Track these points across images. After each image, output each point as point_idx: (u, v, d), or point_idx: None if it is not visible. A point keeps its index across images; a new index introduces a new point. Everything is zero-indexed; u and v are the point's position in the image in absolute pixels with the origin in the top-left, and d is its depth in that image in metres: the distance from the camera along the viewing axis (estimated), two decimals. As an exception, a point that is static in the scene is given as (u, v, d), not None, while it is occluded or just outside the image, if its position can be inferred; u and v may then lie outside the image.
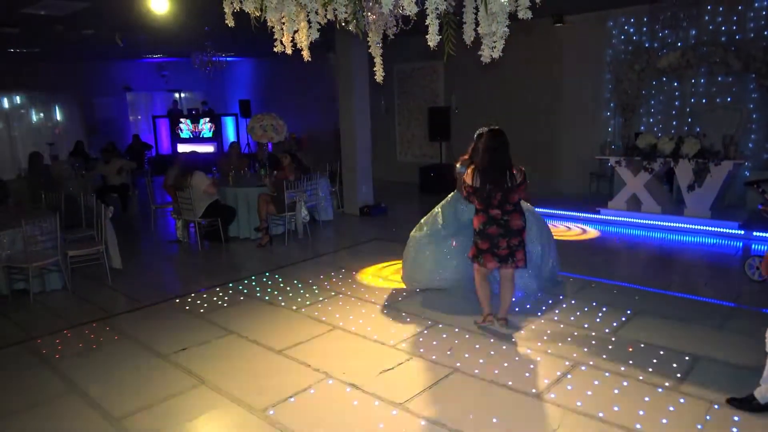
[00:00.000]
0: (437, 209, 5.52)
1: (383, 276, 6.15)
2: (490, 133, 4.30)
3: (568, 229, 8.12)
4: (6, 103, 13.92)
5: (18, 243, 5.62)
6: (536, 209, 5.62)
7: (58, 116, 14.75)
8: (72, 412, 3.61)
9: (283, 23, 3.15)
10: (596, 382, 3.71)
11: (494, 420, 3.34)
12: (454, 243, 5.27)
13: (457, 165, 5.08)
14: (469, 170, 4.36)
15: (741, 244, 7.06)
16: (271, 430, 3.31)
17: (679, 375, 3.77)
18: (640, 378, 3.75)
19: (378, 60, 3.54)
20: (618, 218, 8.36)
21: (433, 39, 2.92)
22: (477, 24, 2.98)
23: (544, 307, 5.05)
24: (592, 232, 7.90)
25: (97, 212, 6.21)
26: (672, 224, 7.85)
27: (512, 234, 4.31)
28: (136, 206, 10.68)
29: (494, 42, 2.99)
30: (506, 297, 4.58)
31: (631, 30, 9.32)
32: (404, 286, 5.70)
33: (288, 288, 5.87)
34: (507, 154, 4.27)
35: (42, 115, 14.50)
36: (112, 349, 4.54)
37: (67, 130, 14.75)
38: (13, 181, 9.61)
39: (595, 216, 8.52)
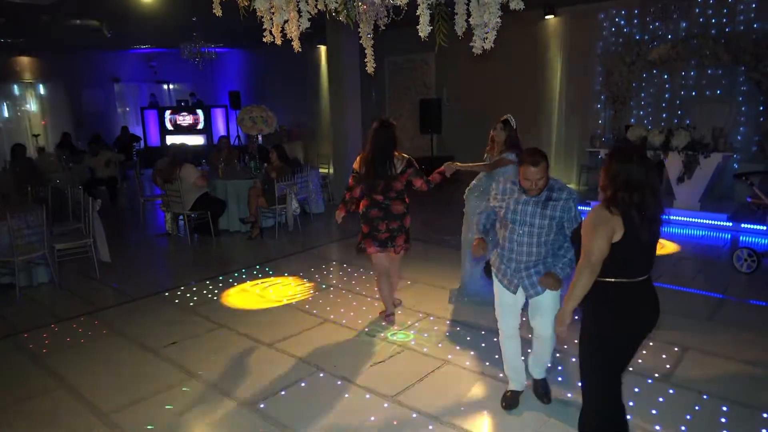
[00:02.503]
0: None
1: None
2: (377, 124, 4.42)
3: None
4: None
5: (4, 236, 5.54)
6: None
7: (45, 108, 14.54)
8: (60, 407, 3.57)
9: (273, 13, 3.11)
10: (587, 374, 3.72)
11: (485, 412, 3.34)
12: None
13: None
14: (358, 158, 4.50)
15: (729, 235, 7.11)
16: (262, 423, 3.30)
17: (668, 366, 3.80)
18: (630, 369, 3.76)
19: (369, 51, 3.51)
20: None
21: (424, 30, 2.90)
22: (469, 15, 2.95)
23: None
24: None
25: (84, 205, 6.13)
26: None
27: (392, 218, 4.39)
28: (125, 199, 10.59)
29: (486, 33, 2.96)
30: (390, 287, 4.67)
31: (622, 22, 9.32)
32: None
33: (278, 281, 5.84)
34: (389, 144, 4.37)
35: (28, 106, 14.28)
36: (101, 343, 4.50)
37: (54, 121, 14.55)
38: (-3, 173, 9.49)
39: (587, 208, 8.53)
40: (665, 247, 6.67)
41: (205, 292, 5.58)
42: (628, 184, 2.39)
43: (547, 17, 9.97)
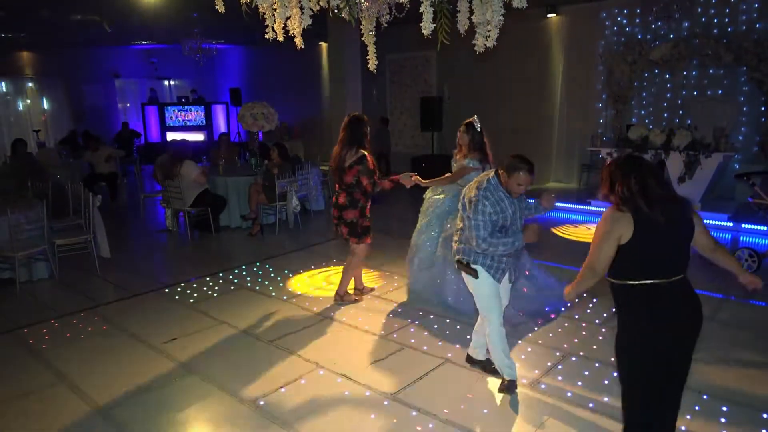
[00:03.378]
0: None
1: (374, 267, 6.13)
2: (347, 118, 4.74)
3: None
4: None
5: (4, 232, 5.53)
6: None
7: (45, 103, 14.52)
8: (60, 402, 3.57)
9: (275, 9, 3.10)
10: (586, 373, 3.72)
11: (485, 410, 3.35)
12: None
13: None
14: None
15: (730, 236, 7.11)
16: (262, 420, 3.30)
17: (668, 366, 3.79)
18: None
19: (371, 48, 3.50)
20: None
21: (427, 27, 2.89)
22: (471, 12, 2.95)
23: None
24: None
25: (85, 200, 6.12)
26: (662, 216, 7.88)
27: (336, 207, 4.79)
28: (125, 195, 10.57)
29: (488, 31, 2.96)
30: (343, 274, 5.05)
31: (624, 21, 9.30)
32: (395, 278, 5.69)
33: (279, 278, 5.84)
34: (347, 137, 4.64)
35: (29, 101, 14.26)
36: (101, 339, 4.50)
37: (55, 117, 14.54)
38: (-3, 168, 9.47)
39: (587, 207, 8.54)
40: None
41: (205, 288, 5.58)
42: (624, 174, 2.39)
43: (548, 16, 9.96)
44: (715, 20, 8.39)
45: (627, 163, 2.44)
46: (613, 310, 2.56)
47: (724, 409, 3.28)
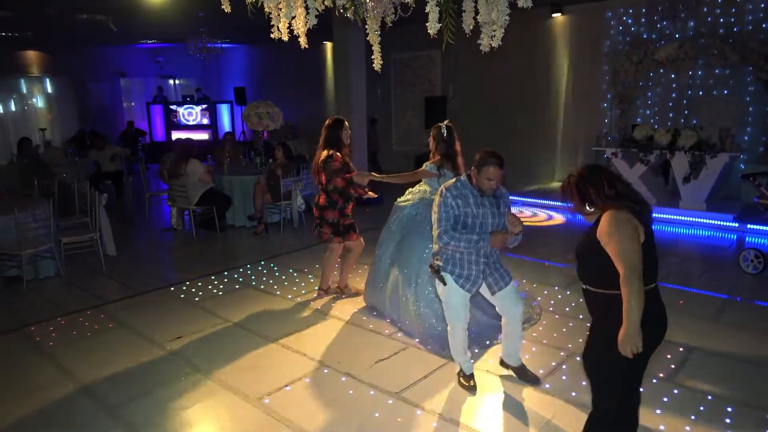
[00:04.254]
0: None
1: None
2: (328, 120, 4.88)
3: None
4: (-2, 88, 13.77)
5: (11, 230, 5.57)
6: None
7: (51, 102, 14.59)
8: (66, 400, 3.59)
9: (281, 9, 3.11)
10: (591, 373, 3.72)
11: (489, 409, 3.35)
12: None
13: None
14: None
15: (735, 236, 7.09)
16: (266, 418, 3.31)
17: (672, 366, 3.79)
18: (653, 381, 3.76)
19: (376, 48, 3.50)
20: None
21: (433, 27, 2.90)
22: (477, 12, 2.95)
23: (539, 298, 5.06)
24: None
25: (91, 199, 6.15)
26: (667, 216, 7.87)
27: (317, 207, 4.93)
28: (131, 193, 10.61)
29: (494, 31, 2.96)
30: (323, 269, 5.24)
31: (629, 21, 9.28)
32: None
33: (283, 277, 5.85)
34: (325, 139, 4.79)
35: (35, 100, 14.33)
36: (107, 337, 4.52)
37: (61, 115, 14.60)
38: (4, 167, 9.53)
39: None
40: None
41: (210, 287, 5.60)
42: (593, 181, 2.39)
43: (554, 15, 9.94)
44: (721, 20, 8.36)
45: (592, 171, 2.44)
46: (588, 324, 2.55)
47: (729, 409, 3.27)
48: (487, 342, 4.18)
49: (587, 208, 2.43)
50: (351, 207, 4.94)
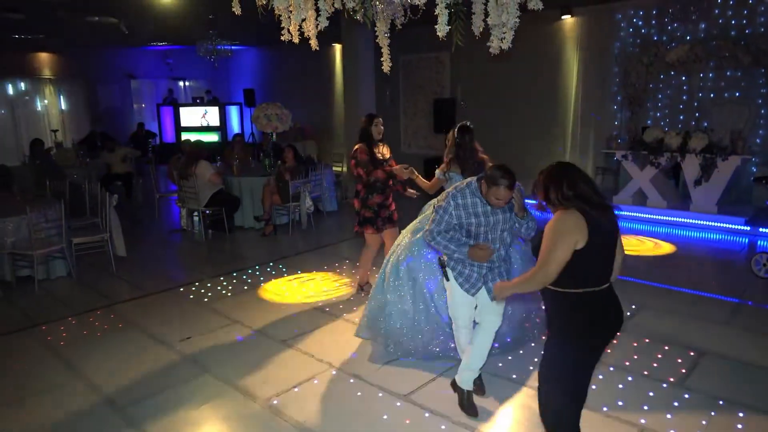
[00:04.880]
0: None
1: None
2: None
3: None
4: (11, 90, 13.90)
5: (23, 230, 5.62)
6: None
7: (63, 103, 14.72)
8: (77, 399, 3.62)
9: (291, 11, 3.13)
10: (600, 377, 3.70)
11: (497, 412, 3.34)
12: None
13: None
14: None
15: (747, 240, 7.02)
16: (275, 419, 3.32)
17: (683, 370, 3.76)
18: (645, 373, 3.74)
19: (385, 50, 3.51)
20: (623, 212, 8.32)
21: (442, 29, 2.90)
22: (486, 14, 2.95)
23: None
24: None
25: (101, 200, 6.20)
26: (678, 219, 7.82)
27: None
28: (141, 194, 10.68)
29: (504, 33, 2.96)
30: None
31: (640, 23, 9.22)
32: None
33: (292, 278, 5.86)
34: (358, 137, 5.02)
35: (46, 101, 14.47)
36: (117, 336, 4.55)
37: (72, 117, 14.73)
38: (17, 167, 9.61)
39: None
40: (662, 247, 6.75)
41: (219, 288, 5.62)
42: (556, 180, 2.37)
43: (563, 17, 9.90)
44: (733, 22, 8.29)
45: (558, 169, 2.42)
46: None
47: (741, 414, 3.24)
48: (496, 345, 4.17)
49: (548, 205, 2.45)
50: (377, 201, 4.93)
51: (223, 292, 5.51)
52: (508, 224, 3.17)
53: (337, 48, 13.20)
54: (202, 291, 5.54)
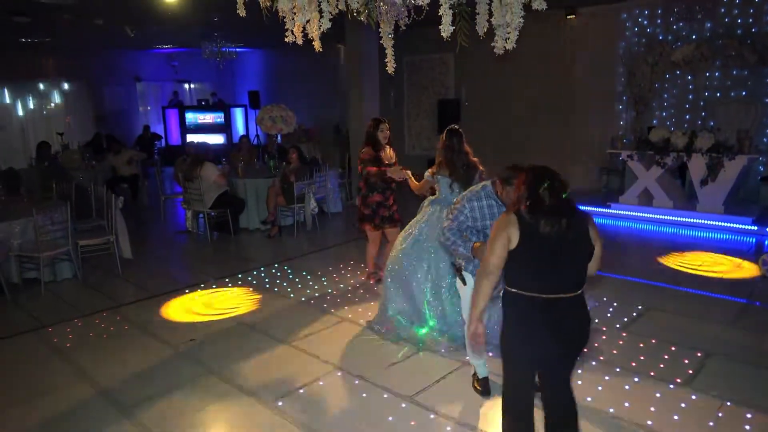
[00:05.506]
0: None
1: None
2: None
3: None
4: (18, 93, 13.97)
5: (29, 232, 5.65)
6: None
7: (69, 106, 14.80)
8: (83, 400, 3.63)
9: (294, 13, 3.13)
10: (607, 378, 3.68)
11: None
12: None
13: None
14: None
15: (754, 240, 6.98)
16: (280, 420, 3.32)
17: (690, 371, 3.74)
18: (651, 374, 3.72)
19: (389, 51, 3.51)
20: (629, 213, 8.29)
21: (446, 30, 2.89)
22: (491, 15, 2.94)
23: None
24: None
25: (107, 202, 6.23)
26: (684, 219, 7.78)
27: None
28: (146, 196, 10.72)
29: (508, 33, 2.95)
30: None
31: (645, 22, 9.19)
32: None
33: (297, 279, 5.87)
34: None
35: (53, 104, 14.55)
36: (122, 338, 4.57)
37: (78, 120, 14.80)
38: (24, 170, 9.67)
39: (607, 210, 8.45)
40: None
41: (224, 289, 5.63)
42: (523, 181, 2.42)
43: (568, 17, 9.88)
44: (739, 20, 8.26)
45: (529, 174, 2.43)
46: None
47: (749, 416, 3.22)
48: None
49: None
50: (377, 199, 5.21)
51: (228, 293, 5.52)
52: None
53: (342, 49, 13.21)
54: (208, 292, 5.55)
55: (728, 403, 3.34)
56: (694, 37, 8.61)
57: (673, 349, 4.05)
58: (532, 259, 2.36)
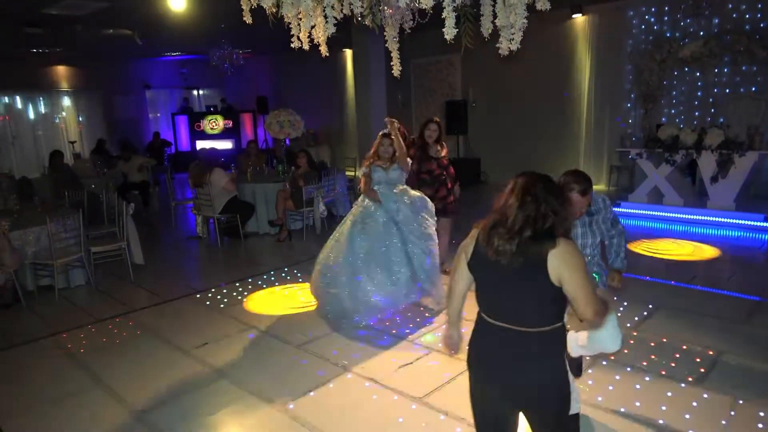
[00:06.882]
0: None
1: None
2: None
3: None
4: (30, 103, 14.17)
5: (43, 240, 5.73)
6: None
7: (80, 115, 14.98)
8: (96, 405, 3.68)
9: (300, 19, 3.16)
10: (617, 377, 3.67)
11: (514, 415, 3.32)
12: None
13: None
14: None
15: (766, 236, 6.91)
16: (291, 423, 3.34)
17: (702, 370, 3.71)
18: (663, 373, 3.70)
19: (395, 54, 3.53)
20: (639, 211, 8.24)
21: (450, 32, 2.90)
22: (495, 16, 2.95)
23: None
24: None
25: (118, 209, 6.30)
26: (695, 217, 7.72)
27: None
28: (157, 203, 10.81)
29: (512, 34, 2.96)
30: None
31: (652, 19, 9.15)
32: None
33: (306, 283, 5.89)
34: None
35: (64, 113, 14.73)
36: (135, 343, 4.62)
37: (89, 128, 14.98)
38: (37, 179, 9.80)
39: (617, 209, 8.39)
40: (704, 251, 6.48)
41: (234, 294, 5.67)
42: (507, 196, 2.08)
43: (574, 16, 9.86)
44: (747, 16, 8.19)
45: (522, 182, 2.06)
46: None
47: (762, 414, 3.19)
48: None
49: None
50: (426, 194, 5.14)
51: (239, 297, 5.56)
52: (588, 239, 3.13)
53: (348, 53, 13.27)
54: (218, 297, 5.60)
55: (741, 402, 3.32)
56: (701, 33, 8.56)
57: (684, 347, 4.02)
58: (481, 278, 2.15)
